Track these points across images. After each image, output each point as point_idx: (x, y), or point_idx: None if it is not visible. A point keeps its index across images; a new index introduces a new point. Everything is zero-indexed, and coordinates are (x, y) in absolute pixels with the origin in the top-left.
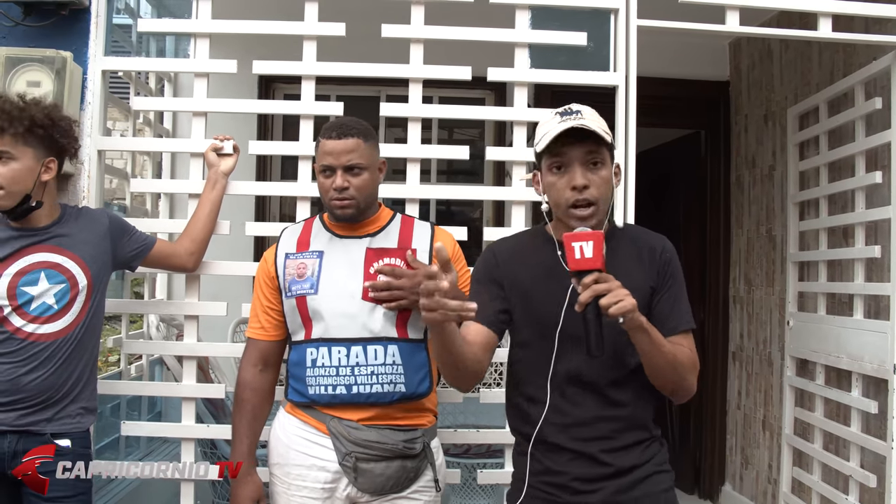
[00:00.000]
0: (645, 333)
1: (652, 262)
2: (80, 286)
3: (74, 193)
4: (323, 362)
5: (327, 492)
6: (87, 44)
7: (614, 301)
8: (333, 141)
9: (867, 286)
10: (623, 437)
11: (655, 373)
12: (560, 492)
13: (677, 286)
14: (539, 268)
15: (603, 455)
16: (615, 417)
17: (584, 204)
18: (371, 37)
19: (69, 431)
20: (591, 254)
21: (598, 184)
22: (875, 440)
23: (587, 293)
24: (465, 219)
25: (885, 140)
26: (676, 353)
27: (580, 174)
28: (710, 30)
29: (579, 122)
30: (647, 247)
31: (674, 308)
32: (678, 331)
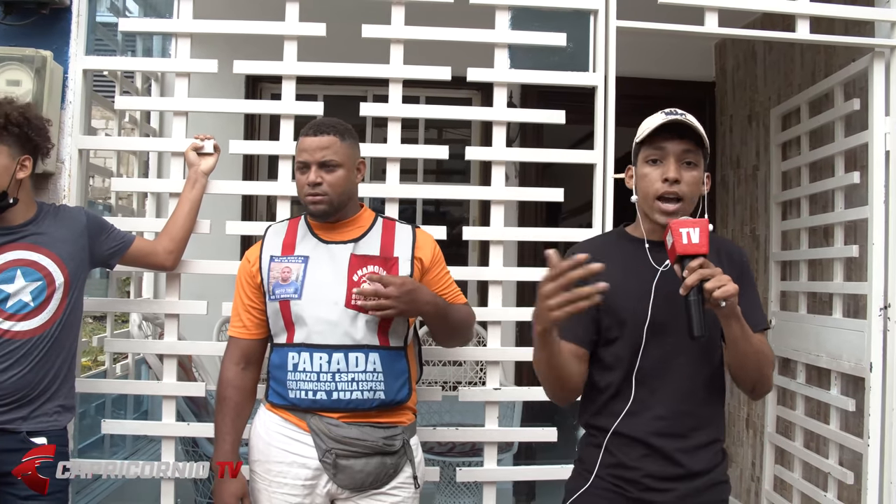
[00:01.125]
0: (738, 322)
1: (732, 266)
2: (57, 284)
3: (55, 192)
4: (304, 367)
5: (307, 488)
6: (67, 43)
7: (718, 285)
8: (310, 138)
9: (846, 285)
10: (697, 436)
11: (742, 363)
12: (630, 486)
13: (754, 289)
14: (624, 265)
15: (678, 454)
16: (691, 413)
17: (672, 198)
18: (356, 37)
19: (45, 430)
20: (699, 239)
21: (689, 181)
22: (853, 437)
23: (694, 276)
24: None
25: (863, 141)
26: (762, 347)
27: (674, 168)
28: (688, 31)
29: (682, 118)
30: (726, 251)
31: (753, 307)
32: (757, 329)
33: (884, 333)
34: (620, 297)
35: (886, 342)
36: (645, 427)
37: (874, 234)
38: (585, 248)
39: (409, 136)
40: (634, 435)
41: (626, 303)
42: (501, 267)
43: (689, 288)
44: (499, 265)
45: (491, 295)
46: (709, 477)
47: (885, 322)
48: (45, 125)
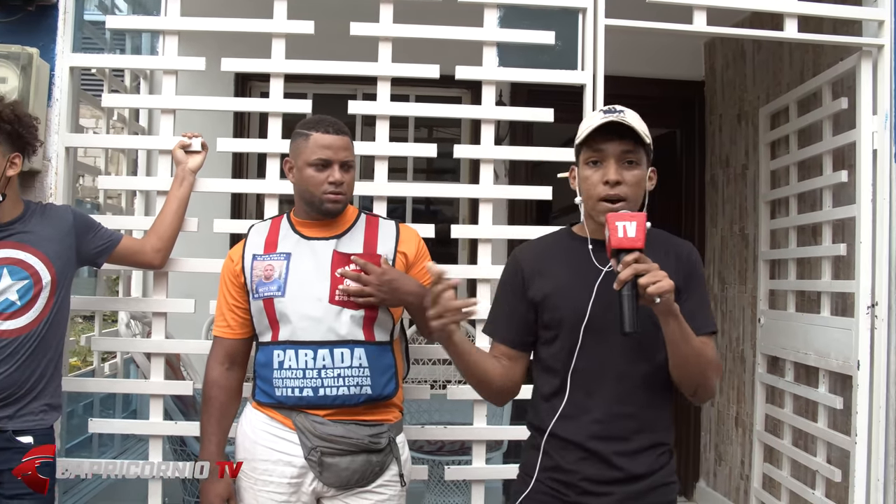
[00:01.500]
0: (676, 321)
1: (679, 265)
2: (44, 282)
3: (42, 190)
4: (290, 365)
5: (293, 486)
6: (54, 40)
7: (653, 281)
8: (331, 136)
9: (834, 284)
10: (638, 439)
11: (681, 367)
12: (567, 490)
13: (702, 290)
14: (568, 266)
15: (616, 458)
16: (632, 416)
17: (614, 199)
18: (344, 35)
19: (32, 428)
20: (634, 233)
21: (630, 182)
22: (840, 435)
23: (628, 271)
24: (445, 218)
25: (851, 140)
26: (704, 349)
27: (614, 170)
28: (677, 30)
29: (620, 118)
30: (674, 250)
31: (699, 310)
32: (702, 332)
33: (871, 331)
34: (561, 298)
35: (874, 340)
36: (581, 430)
37: (862, 232)
38: (531, 248)
39: (398, 134)
40: (570, 438)
41: (566, 303)
42: (490, 265)
43: (623, 282)
44: (487, 263)
45: (479, 293)
46: (651, 479)
47: (873, 320)
48: (34, 123)
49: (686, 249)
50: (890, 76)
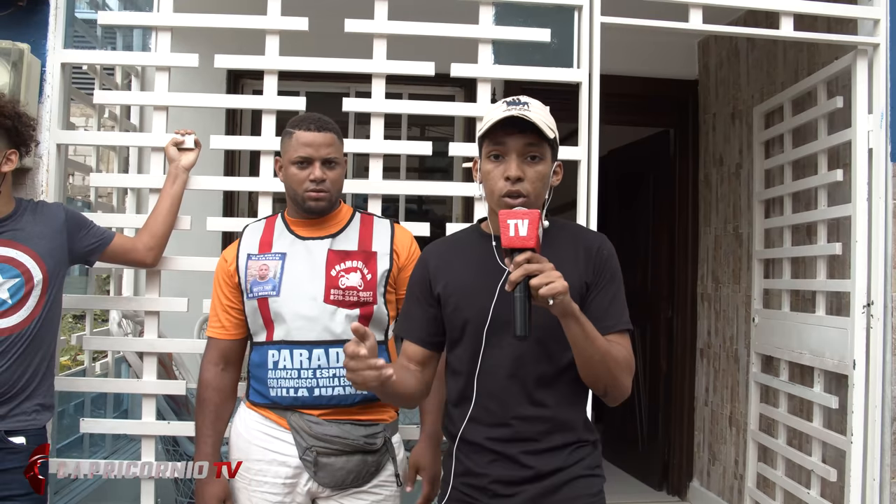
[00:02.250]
0: (576, 322)
1: (588, 259)
2: (36, 280)
3: (33, 188)
4: (284, 364)
5: (288, 487)
6: (45, 36)
7: (545, 282)
8: (312, 133)
9: (829, 283)
10: (548, 439)
11: (587, 367)
12: (479, 494)
13: (615, 285)
14: (472, 264)
15: (524, 457)
16: (540, 418)
17: (515, 195)
18: (338, 32)
19: (24, 429)
20: (526, 232)
21: (532, 178)
22: (836, 435)
23: (518, 271)
24: (437, 217)
25: (846, 139)
26: (611, 349)
27: (515, 165)
28: (672, 27)
29: (522, 113)
30: (584, 244)
31: (610, 306)
32: (614, 330)
33: (867, 331)
34: (463, 298)
35: (869, 339)
36: (489, 433)
37: (857, 231)
38: (438, 246)
39: (391, 133)
40: (479, 442)
41: (468, 303)
42: None
43: (515, 283)
44: None
45: None
46: (567, 472)
47: (868, 319)
48: (32, 122)
49: (597, 242)
50: (885, 75)
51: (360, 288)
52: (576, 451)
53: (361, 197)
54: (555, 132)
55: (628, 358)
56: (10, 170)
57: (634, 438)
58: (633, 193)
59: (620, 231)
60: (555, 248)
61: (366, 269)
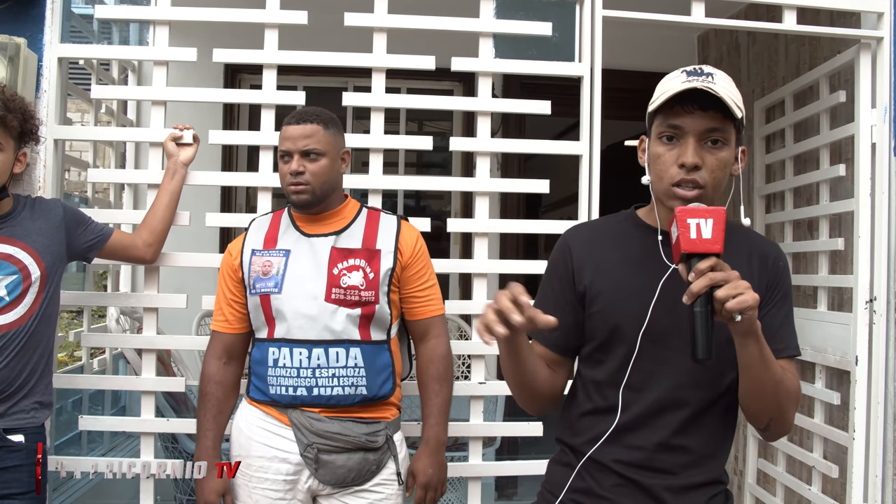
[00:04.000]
0: (757, 343)
1: (763, 271)
2: (33, 277)
3: (30, 183)
4: (284, 363)
5: (289, 484)
6: (42, 30)
7: (733, 294)
8: (293, 126)
9: (831, 278)
10: (689, 475)
11: (757, 394)
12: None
13: (788, 304)
14: (626, 258)
15: (661, 491)
16: (686, 449)
17: (690, 185)
18: (338, 27)
19: (23, 427)
20: (711, 234)
21: (712, 166)
22: (837, 431)
23: (702, 281)
24: (435, 212)
25: (849, 133)
26: (784, 377)
27: (692, 150)
28: (674, 21)
29: (705, 85)
30: (759, 251)
31: (781, 328)
32: (784, 354)
33: (869, 327)
34: (618, 299)
35: (872, 335)
36: (625, 456)
37: (860, 226)
38: (585, 231)
39: (390, 128)
40: (608, 463)
41: (620, 305)
42: (486, 259)
43: (696, 296)
44: (483, 258)
45: (476, 288)
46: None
47: (871, 315)
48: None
49: (774, 253)
50: (889, 69)
51: (362, 287)
52: (714, 498)
53: (360, 192)
54: (742, 110)
55: (798, 389)
56: (21, 171)
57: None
58: (635, 188)
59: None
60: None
61: (368, 267)
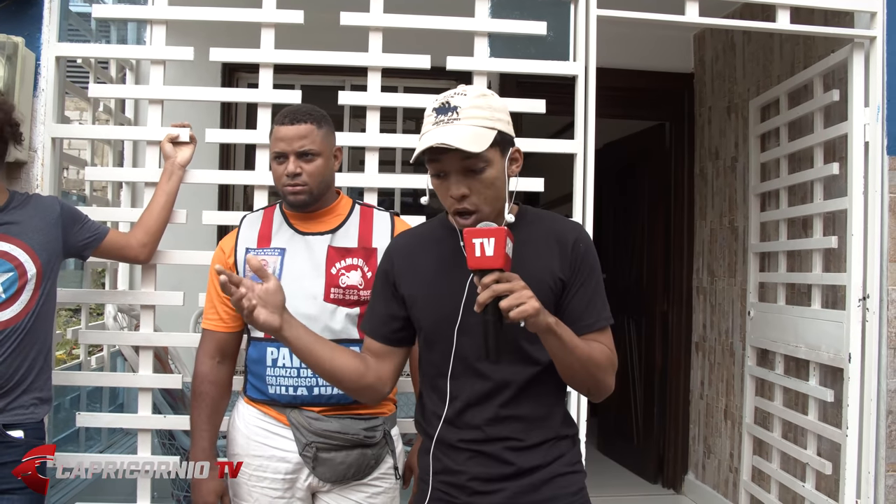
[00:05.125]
0: (554, 335)
1: (563, 255)
2: (30, 274)
3: (28, 181)
4: (283, 363)
5: (288, 482)
6: (40, 29)
7: (516, 303)
8: (286, 127)
9: (824, 276)
10: (528, 437)
11: (568, 374)
12: (458, 492)
13: (594, 280)
14: (439, 260)
15: (505, 453)
16: (518, 417)
17: (464, 212)
18: (334, 25)
19: (22, 422)
20: (493, 252)
21: (479, 189)
22: (831, 428)
23: (486, 293)
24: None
25: (842, 132)
26: (592, 353)
27: (455, 184)
28: (668, 20)
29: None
30: (557, 237)
31: (590, 304)
32: (595, 328)
33: (862, 324)
34: (430, 299)
35: (865, 333)
36: (466, 434)
37: (853, 225)
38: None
39: (386, 127)
40: (455, 443)
41: (435, 304)
42: None
43: (482, 305)
44: None
45: None
46: (548, 469)
47: (864, 313)
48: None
49: (572, 235)
50: (882, 68)
51: (361, 286)
52: (553, 448)
53: (357, 190)
54: (495, 127)
55: (610, 357)
56: None
57: (630, 432)
58: (629, 187)
59: (616, 224)
60: (526, 242)
61: (366, 266)
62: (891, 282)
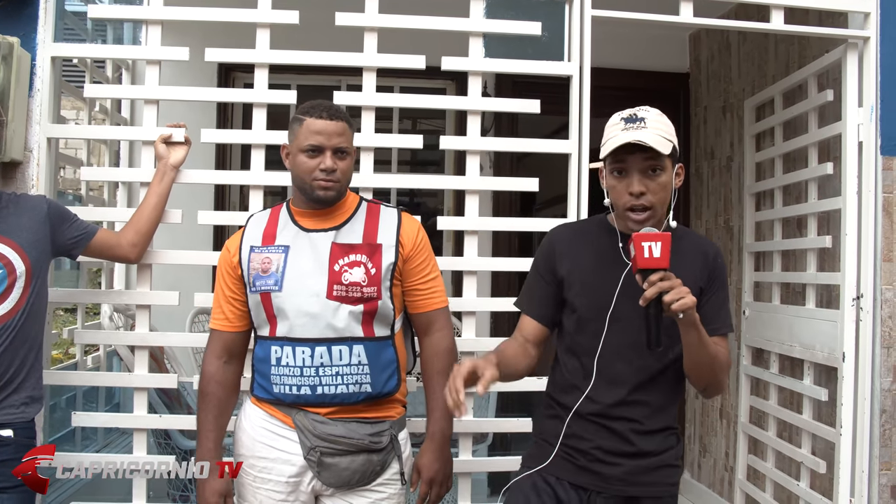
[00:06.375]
0: (696, 330)
1: (705, 266)
2: (18, 272)
3: (23, 181)
4: (287, 362)
5: (292, 485)
6: (35, 30)
7: (677, 298)
8: (324, 121)
9: (819, 276)
10: (649, 422)
11: (696, 368)
12: (581, 456)
13: (724, 292)
14: (598, 254)
15: (630, 434)
16: (647, 403)
17: (640, 209)
18: (329, 26)
19: (12, 422)
20: (660, 254)
21: (654, 190)
22: (825, 427)
23: (653, 290)
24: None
25: (836, 132)
26: (718, 353)
27: (637, 181)
28: (663, 20)
29: (637, 137)
30: (700, 250)
31: (719, 311)
32: (719, 333)
33: (856, 323)
34: (586, 284)
35: (859, 332)
36: (602, 411)
37: (847, 224)
38: (566, 230)
39: (383, 126)
40: (587, 415)
41: (591, 290)
42: (476, 257)
43: (648, 300)
44: (473, 255)
45: (466, 285)
46: (658, 458)
47: (858, 312)
48: None
49: (713, 251)
50: (875, 68)
51: (364, 283)
52: (669, 437)
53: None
54: (672, 141)
55: (729, 359)
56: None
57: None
58: None
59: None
60: (676, 251)
61: (370, 263)
62: (884, 281)
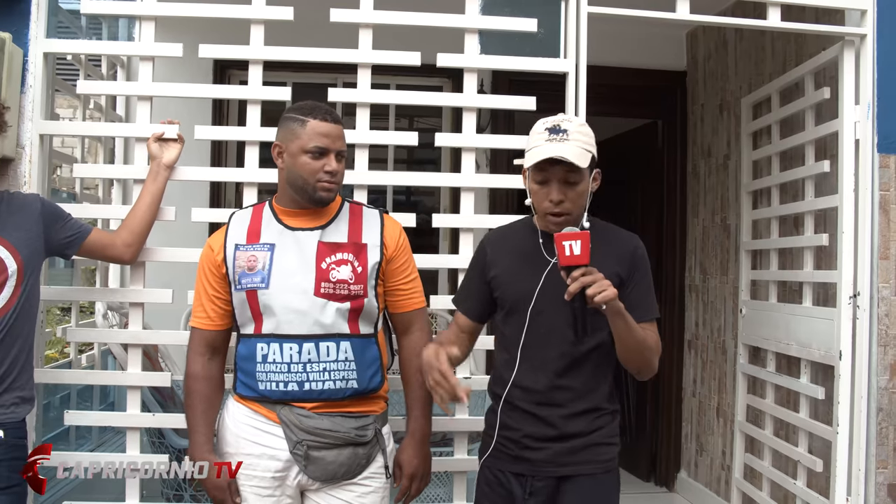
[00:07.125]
0: (622, 318)
1: (625, 257)
2: (10, 271)
3: (15, 179)
4: (274, 358)
5: (278, 480)
6: (27, 25)
7: (599, 291)
8: (329, 124)
9: (816, 274)
10: (574, 405)
11: (627, 352)
12: (513, 446)
13: (647, 280)
14: (522, 253)
15: (556, 419)
16: (569, 388)
17: (558, 215)
18: (325, 22)
19: (2, 422)
20: (580, 251)
21: (573, 198)
22: (822, 425)
23: (575, 285)
24: (425, 208)
25: (833, 130)
26: (646, 337)
27: (556, 191)
28: (659, 17)
29: (558, 151)
30: (621, 243)
31: (644, 299)
32: (645, 319)
33: (853, 322)
34: (511, 281)
35: (855, 330)
36: (527, 398)
37: (844, 222)
38: (496, 233)
39: (379, 124)
40: (518, 404)
41: (515, 286)
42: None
43: (573, 294)
44: (469, 253)
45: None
46: (586, 438)
47: (855, 310)
48: None
49: (632, 243)
50: (872, 66)
51: (351, 281)
52: (598, 419)
53: (348, 188)
54: (592, 152)
55: (658, 343)
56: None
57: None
58: (621, 185)
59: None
60: (596, 247)
61: (356, 261)
62: (881, 279)
